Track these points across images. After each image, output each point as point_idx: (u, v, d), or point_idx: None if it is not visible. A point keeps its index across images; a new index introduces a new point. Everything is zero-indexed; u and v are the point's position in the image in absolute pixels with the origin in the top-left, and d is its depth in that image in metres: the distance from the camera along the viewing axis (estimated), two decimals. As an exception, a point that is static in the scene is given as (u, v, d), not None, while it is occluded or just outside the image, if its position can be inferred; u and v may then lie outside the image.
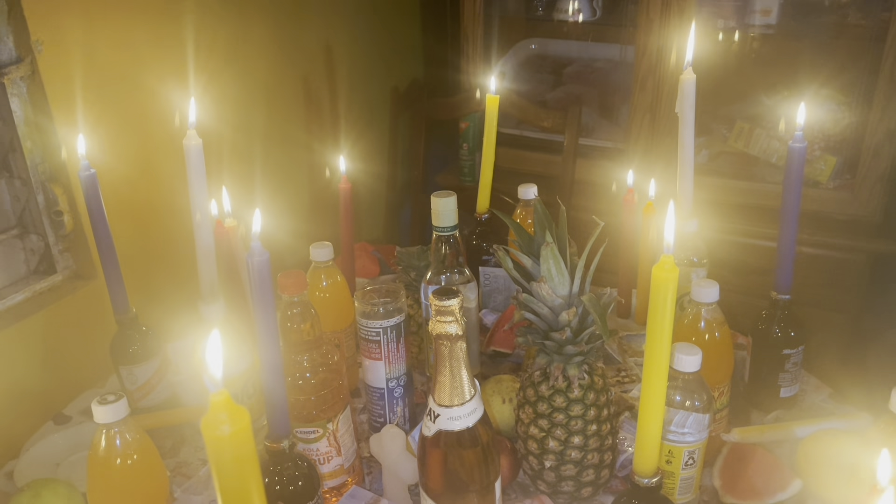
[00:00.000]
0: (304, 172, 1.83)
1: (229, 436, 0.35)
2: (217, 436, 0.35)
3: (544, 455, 0.86)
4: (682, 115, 1.07)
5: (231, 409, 0.35)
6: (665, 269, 0.60)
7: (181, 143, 0.92)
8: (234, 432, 0.35)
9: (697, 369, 0.79)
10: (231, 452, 0.35)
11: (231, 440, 0.35)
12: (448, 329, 0.69)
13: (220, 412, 0.35)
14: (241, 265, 1.15)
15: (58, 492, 0.87)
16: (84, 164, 0.96)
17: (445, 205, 1.00)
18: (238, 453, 0.36)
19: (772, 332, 1.01)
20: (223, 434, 0.35)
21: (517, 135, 2.04)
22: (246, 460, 0.36)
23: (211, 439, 0.35)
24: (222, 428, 0.35)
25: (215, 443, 0.35)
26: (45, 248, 1.25)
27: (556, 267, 0.78)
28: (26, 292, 1.22)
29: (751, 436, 0.95)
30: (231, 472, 0.36)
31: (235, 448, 0.35)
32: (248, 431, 0.36)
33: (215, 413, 0.35)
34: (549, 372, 0.84)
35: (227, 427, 0.35)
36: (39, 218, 1.23)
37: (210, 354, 0.36)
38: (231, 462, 0.36)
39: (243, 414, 0.35)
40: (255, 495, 0.37)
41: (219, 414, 0.35)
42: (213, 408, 0.35)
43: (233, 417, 0.35)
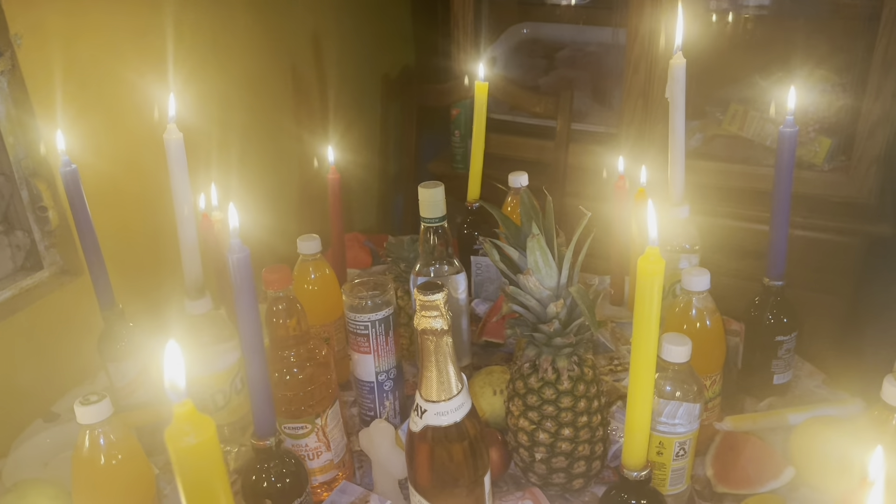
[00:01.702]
0: (294, 164, 1.82)
1: (195, 446, 0.34)
2: (182, 447, 0.34)
3: (535, 447, 0.85)
4: (672, 99, 1.05)
5: (196, 420, 0.34)
6: (650, 262, 0.59)
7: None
8: (199, 443, 0.34)
9: (687, 360, 0.78)
10: (197, 463, 0.34)
11: (197, 451, 0.34)
12: (433, 324, 0.68)
13: (184, 423, 0.34)
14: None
15: (44, 492, 0.86)
16: (65, 160, 0.94)
17: (433, 195, 0.98)
18: (204, 464, 0.35)
19: (764, 318, 1.00)
20: (188, 445, 0.34)
21: (509, 121, 2.02)
22: (213, 471, 0.35)
23: (176, 451, 0.34)
24: (187, 439, 0.34)
25: (180, 454, 0.34)
26: (32, 245, 1.24)
27: (543, 259, 0.77)
28: (12, 289, 1.20)
29: (743, 424, 0.94)
30: (198, 483, 0.35)
31: (201, 459, 0.34)
32: (213, 441, 0.35)
33: (179, 424, 0.34)
34: (538, 364, 0.83)
35: (193, 438, 0.34)
36: (24, 214, 1.21)
37: (170, 365, 0.35)
38: (197, 473, 0.35)
39: (208, 424, 0.34)
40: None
41: (183, 425, 0.34)
42: (177, 419, 0.34)
43: (198, 428, 0.34)
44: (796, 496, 0.85)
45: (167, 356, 0.35)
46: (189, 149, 0.92)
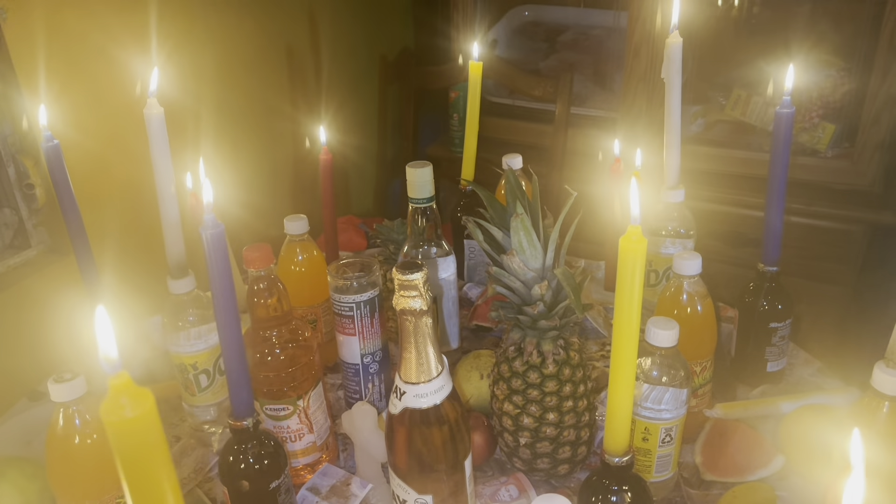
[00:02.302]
0: (289, 145, 1.80)
1: (132, 420, 0.32)
2: (118, 421, 0.32)
3: (519, 432, 0.84)
4: (668, 80, 1.03)
5: (132, 392, 0.32)
6: (632, 241, 0.57)
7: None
8: (137, 416, 0.32)
9: (674, 344, 0.76)
10: (135, 438, 0.33)
11: (134, 425, 0.32)
12: (412, 304, 0.67)
13: (119, 396, 0.32)
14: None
15: (24, 470, 0.85)
16: (47, 136, 0.92)
17: (420, 175, 0.96)
18: (143, 439, 0.33)
19: (758, 304, 0.98)
20: (125, 418, 0.32)
21: (509, 104, 2.00)
22: (153, 446, 0.33)
23: (112, 425, 0.32)
24: (124, 412, 0.32)
25: (117, 429, 0.32)
26: (19, 223, 1.23)
27: (528, 239, 0.75)
28: (1, 267, 1.19)
29: (734, 411, 0.92)
30: (137, 459, 0.33)
31: (140, 433, 0.33)
32: (153, 414, 0.33)
33: (115, 397, 0.32)
34: (522, 347, 0.81)
35: (130, 411, 0.32)
36: (11, 191, 1.20)
37: (101, 332, 0.33)
38: (136, 449, 0.33)
39: (146, 397, 0.33)
40: (165, 483, 0.34)
41: (119, 398, 0.32)
42: (113, 392, 0.32)
43: (135, 401, 0.32)
44: (785, 485, 0.83)
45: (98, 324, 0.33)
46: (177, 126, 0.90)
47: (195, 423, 1.01)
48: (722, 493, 0.80)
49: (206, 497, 0.89)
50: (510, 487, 0.85)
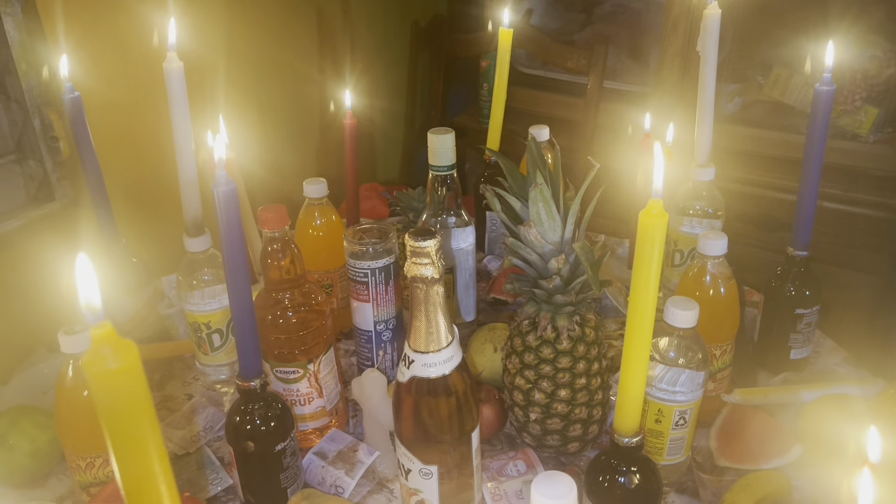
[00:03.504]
0: (315, 109, 1.78)
1: (115, 371, 0.31)
2: (100, 372, 0.31)
3: (530, 407, 0.82)
4: (703, 53, 0.99)
5: (116, 343, 0.31)
6: (652, 215, 0.55)
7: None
8: (120, 368, 0.31)
9: (693, 325, 0.74)
10: (118, 390, 0.32)
11: (117, 376, 0.31)
12: (423, 272, 0.65)
13: (102, 346, 0.31)
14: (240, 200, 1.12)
15: (35, 420, 0.86)
16: (68, 87, 0.92)
17: (442, 142, 0.94)
18: (126, 391, 0.32)
19: (785, 289, 0.95)
20: (108, 369, 0.31)
21: (541, 76, 1.96)
22: (136, 399, 0.32)
23: (95, 377, 0.31)
24: (106, 363, 0.31)
25: (99, 380, 0.31)
26: (44, 175, 1.23)
27: (546, 210, 0.73)
28: (23, 219, 1.20)
29: (753, 397, 0.90)
30: (120, 412, 0.32)
31: (123, 385, 0.32)
32: (136, 366, 0.32)
33: (97, 348, 0.31)
34: (537, 321, 0.80)
35: (112, 362, 0.31)
36: (37, 143, 1.20)
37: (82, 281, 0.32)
38: (119, 401, 0.32)
39: (130, 348, 0.32)
40: (148, 436, 0.33)
41: (101, 348, 0.31)
42: (95, 342, 0.31)
43: (118, 352, 0.31)
44: (802, 475, 0.81)
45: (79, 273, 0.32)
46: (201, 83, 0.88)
47: (208, 382, 1.01)
48: (735, 479, 0.78)
49: (214, 455, 0.89)
50: (518, 462, 0.84)
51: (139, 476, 0.34)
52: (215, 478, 0.86)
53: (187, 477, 0.86)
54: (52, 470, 0.87)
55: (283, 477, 0.78)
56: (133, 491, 0.34)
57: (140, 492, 0.35)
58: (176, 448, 0.90)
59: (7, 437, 0.83)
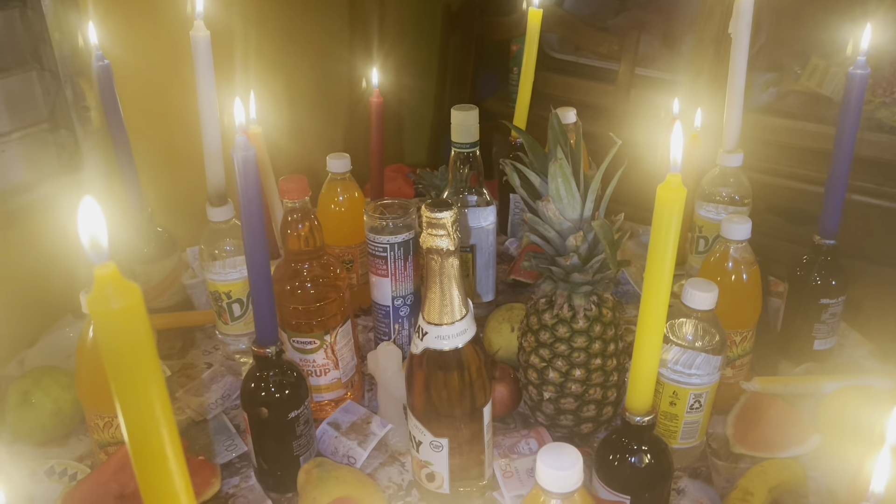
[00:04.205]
0: (345, 86, 1.78)
1: (118, 311, 0.32)
2: (104, 311, 0.31)
3: (544, 386, 0.82)
4: (735, 35, 0.97)
5: (120, 284, 0.32)
6: (670, 189, 0.54)
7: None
8: (123, 307, 0.32)
9: (711, 308, 0.73)
10: (120, 330, 0.32)
11: (120, 316, 0.32)
12: (438, 243, 0.65)
13: (106, 287, 0.31)
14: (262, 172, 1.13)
15: (58, 380, 0.88)
16: (97, 55, 0.93)
17: (465, 118, 0.94)
18: (129, 332, 0.32)
19: (810, 279, 0.94)
20: (111, 309, 0.31)
21: (572, 61, 1.94)
22: (138, 340, 0.33)
23: (97, 316, 0.32)
24: (110, 303, 0.31)
25: (102, 320, 0.32)
26: (75, 145, 1.25)
27: (566, 186, 0.72)
28: (54, 187, 1.22)
29: (773, 386, 0.89)
30: (122, 353, 0.33)
31: (126, 325, 0.32)
32: (140, 307, 0.32)
33: (101, 288, 0.31)
34: (553, 300, 0.79)
35: (116, 302, 0.31)
36: (69, 113, 1.22)
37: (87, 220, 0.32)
38: (121, 342, 0.32)
39: (133, 289, 0.32)
40: (150, 378, 0.33)
41: (105, 289, 0.31)
42: (99, 282, 0.31)
43: (121, 292, 0.32)
44: (819, 465, 0.79)
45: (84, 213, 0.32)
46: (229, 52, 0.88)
47: (227, 351, 1.03)
48: (750, 466, 0.77)
49: (230, 423, 0.90)
50: (530, 441, 0.84)
51: (141, 418, 0.35)
52: (230, 444, 0.87)
53: (203, 443, 0.87)
54: (73, 430, 0.89)
55: (295, 445, 0.78)
56: (135, 433, 0.35)
57: (142, 433, 0.35)
58: (193, 414, 0.91)
59: (30, 396, 0.85)
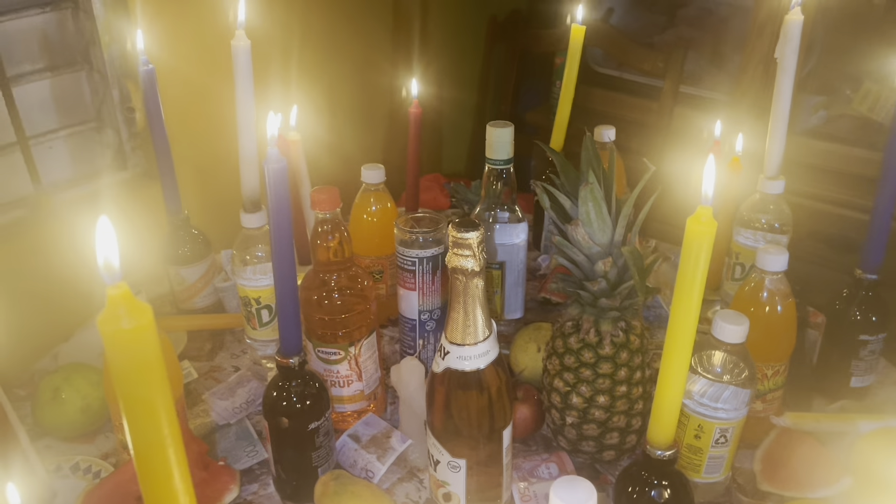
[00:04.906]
0: (386, 96, 1.79)
1: (128, 331, 0.32)
2: (114, 331, 0.32)
3: (567, 410, 0.81)
4: (781, 60, 0.95)
5: (131, 304, 0.32)
6: (700, 222, 0.53)
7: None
8: (134, 328, 0.32)
9: (742, 341, 0.71)
10: (131, 350, 0.32)
11: (131, 336, 0.32)
12: (464, 263, 0.65)
13: (118, 307, 0.32)
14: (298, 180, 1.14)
15: (89, 378, 0.90)
16: (143, 60, 0.95)
17: (501, 136, 0.93)
18: (139, 352, 0.33)
19: (850, 313, 0.91)
20: (122, 329, 0.32)
21: (616, 76, 1.92)
22: (148, 360, 0.33)
23: (108, 336, 0.32)
24: (121, 323, 0.32)
25: (113, 339, 0.32)
26: (119, 145, 1.28)
27: (596, 210, 0.71)
28: (98, 186, 1.25)
29: (805, 423, 0.86)
30: (132, 373, 0.33)
31: (136, 345, 0.32)
32: (150, 328, 0.33)
33: (113, 308, 0.32)
34: (580, 324, 0.78)
35: (127, 322, 0.32)
36: (115, 113, 1.25)
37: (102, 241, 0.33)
38: (131, 362, 0.33)
39: (145, 310, 0.32)
40: (158, 399, 0.34)
41: (117, 308, 0.32)
42: (111, 302, 0.32)
43: (133, 312, 0.32)
44: (850, 509, 0.77)
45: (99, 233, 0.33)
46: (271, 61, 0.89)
47: (255, 356, 1.04)
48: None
49: (253, 429, 0.91)
50: (551, 465, 0.82)
51: (149, 438, 0.35)
52: (251, 450, 0.87)
53: (225, 447, 0.88)
54: (101, 427, 0.91)
55: (314, 455, 0.78)
56: (142, 452, 0.35)
57: (149, 453, 0.35)
58: (217, 418, 0.92)
59: (60, 391, 0.87)
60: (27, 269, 1.15)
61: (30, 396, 0.94)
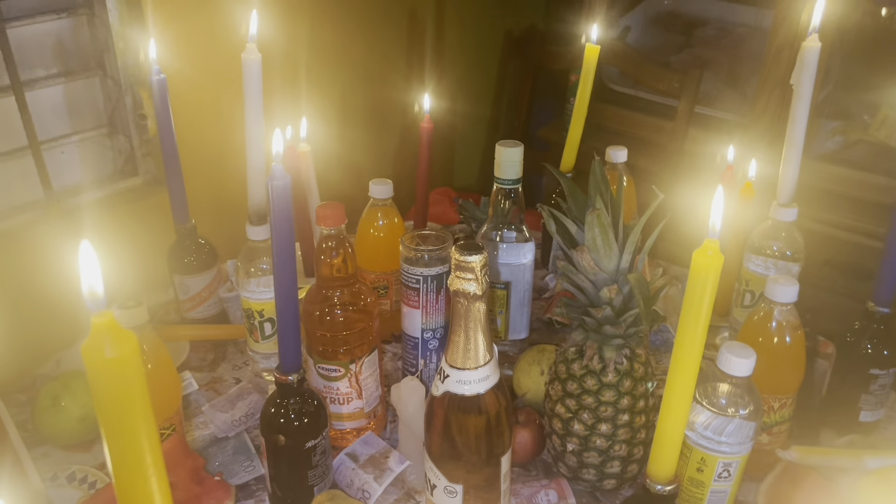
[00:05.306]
0: (398, 109, 1.79)
1: (112, 361, 0.31)
2: (98, 360, 0.31)
3: (568, 437, 0.79)
4: (797, 87, 0.94)
5: (116, 332, 0.31)
6: (707, 255, 0.52)
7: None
8: (118, 357, 0.31)
9: (748, 374, 0.69)
10: (114, 379, 0.32)
11: (114, 365, 0.31)
12: (466, 287, 0.64)
13: (102, 335, 0.31)
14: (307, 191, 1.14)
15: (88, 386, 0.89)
16: (155, 69, 0.95)
17: (510, 155, 0.93)
18: (122, 381, 0.32)
19: (861, 346, 0.89)
20: (106, 358, 0.31)
21: (631, 95, 1.91)
22: (131, 389, 0.32)
23: (91, 364, 0.31)
24: (105, 352, 0.31)
25: (96, 368, 0.31)
26: (130, 151, 1.28)
27: (603, 237, 0.70)
28: (108, 191, 1.25)
29: (811, 457, 0.84)
30: (114, 401, 0.32)
31: (119, 375, 0.32)
32: (135, 357, 0.32)
33: (97, 336, 0.31)
34: (583, 350, 0.77)
35: (111, 351, 0.31)
36: (127, 120, 1.25)
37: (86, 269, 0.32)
38: (114, 391, 0.32)
39: (129, 338, 0.32)
40: (141, 428, 0.33)
41: (101, 337, 0.31)
42: (95, 330, 0.31)
43: (117, 341, 0.31)
44: (855, 549, 0.75)
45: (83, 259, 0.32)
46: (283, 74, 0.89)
47: (256, 369, 1.03)
48: (779, 543, 0.73)
49: (251, 443, 0.90)
50: (550, 492, 0.81)
51: (130, 467, 0.34)
52: (248, 465, 0.86)
53: (222, 460, 0.87)
54: (98, 436, 0.90)
55: (311, 474, 0.78)
56: (124, 481, 0.34)
57: (131, 482, 0.35)
58: (216, 430, 0.91)
59: (59, 399, 0.87)
60: (34, 272, 1.15)
61: (30, 402, 0.93)
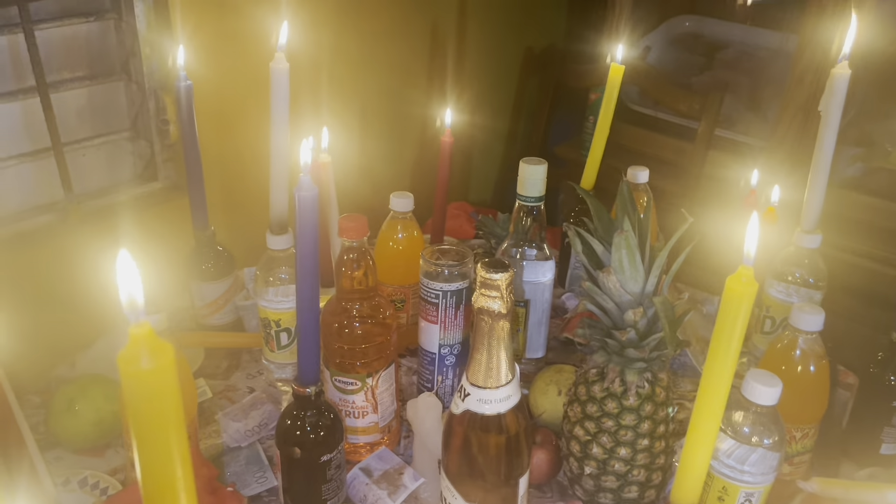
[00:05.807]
0: (419, 122, 1.79)
1: (148, 372, 0.31)
2: (133, 371, 0.31)
3: (586, 460, 0.78)
4: (825, 114, 0.93)
5: (153, 344, 0.31)
6: (741, 283, 0.51)
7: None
8: (153, 369, 0.31)
9: (774, 404, 0.68)
10: (149, 391, 0.31)
11: (149, 377, 0.31)
12: (491, 305, 0.63)
13: (139, 346, 0.31)
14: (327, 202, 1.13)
15: (104, 390, 0.89)
16: (182, 76, 0.95)
17: (533, 173, 0.92)
18: (157, 393, 0.31)
19: (885, 378, 0.88)
20: (141, 370, 0.31)
21: (651, 115, 1.90)
22: (165, 402, 0.32)
23: (127, 375, 0.31)
24: (141, 363, 0.31)
25: (131, 379, 0.31)
26: (151, 155, 1.29)
27: (630, 259, 0.69)
28: (127, 195, 1.26)
29: (833, 489, 0.82)
30: (148, 413, 0.32)
31: (154, 387, 0.31)
32: (171, 368, 0.31)
33: (134, 347, 0.31)
34: (605, 372, 0.76)
35: (147, 362, 0.31)
36: (149, 124, 1.26)
37: (125, 279, 0.32)
38: (148, 402, 0.32)
39: (166, 350, 0.31)
40: (173, 441, 0.32)
41: (138, 348, 0.31)
42: (133, 341, 0.31)
43: (154, 352, 0.31)
44: (876, 585, 0.73)
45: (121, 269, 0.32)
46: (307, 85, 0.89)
47: (271, 378, 1.02)
48: (799, 576, 0.72)
49: (264, 454, 0.89)
50: (566, 515, 0.80)
51: (160, 479, 0.34)
52: (261, 476, 0.86)
53: (235, 470, 0.87)
54: (112, 441, 0.90)
55: (325, 488, 0.77)
56: (152, 492, 0.34)
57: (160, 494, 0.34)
58: (229, 440, 0.91)
59: (74, 403, 0.86)
60: (53, 274, 1.15)
61: (45, 404, 0.93)
